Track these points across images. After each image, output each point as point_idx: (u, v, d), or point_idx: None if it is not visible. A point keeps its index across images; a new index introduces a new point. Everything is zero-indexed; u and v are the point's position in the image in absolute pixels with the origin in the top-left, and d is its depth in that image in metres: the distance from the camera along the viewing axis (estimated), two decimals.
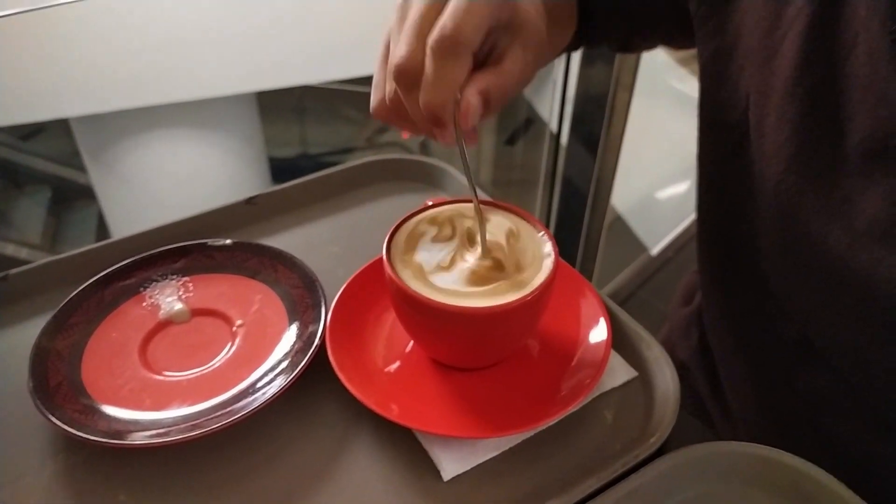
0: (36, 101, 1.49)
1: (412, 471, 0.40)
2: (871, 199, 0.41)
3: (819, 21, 0.42)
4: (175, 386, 0.43)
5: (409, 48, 0.36)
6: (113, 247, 0.54)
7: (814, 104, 0.43)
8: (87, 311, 0.47)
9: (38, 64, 1.39)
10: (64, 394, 0.42)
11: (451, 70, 0.35)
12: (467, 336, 0.41)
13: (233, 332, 0.47)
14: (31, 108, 1.54)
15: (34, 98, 1.48)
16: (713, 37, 0.50)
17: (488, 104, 0.37)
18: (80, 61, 1.42)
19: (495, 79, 0.37)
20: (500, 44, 0.39)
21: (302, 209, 0.61)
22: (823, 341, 0.48)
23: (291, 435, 0.42)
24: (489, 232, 0.43)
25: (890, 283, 0.41)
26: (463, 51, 0.35)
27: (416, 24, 0.36)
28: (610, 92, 1.09)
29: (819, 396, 0.51)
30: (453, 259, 0.41)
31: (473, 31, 0.35)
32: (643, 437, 0.41)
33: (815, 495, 0.37)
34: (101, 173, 1.82)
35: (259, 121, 1.91)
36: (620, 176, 1.29)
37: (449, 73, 0.35)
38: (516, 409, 0.41)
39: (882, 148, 0.40)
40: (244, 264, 0.52)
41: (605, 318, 0.46)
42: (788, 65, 0.43)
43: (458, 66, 0.35)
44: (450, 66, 0.35)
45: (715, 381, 0.65)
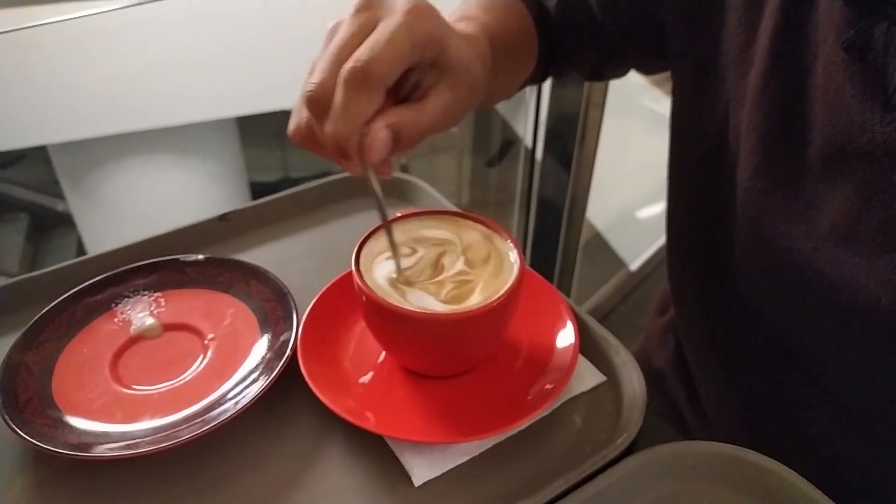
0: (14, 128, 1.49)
1: (384, 477, 0.40)
2: (833, 203, 0.42)
3: (783, 32, 0.44)
4: (146, 399, 0.43)
5: (322, 76, 0.35)
6: (86, 264, 0.54)
7: (778, 113, 0.44)
8: (59, 328, 0.47)
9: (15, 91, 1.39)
10: (34, 409, 0.42)
11: (359, 103, 0.34)
12: (435, 342, 0.41)
13: (204, 346, 0.47)
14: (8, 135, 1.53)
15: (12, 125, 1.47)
16: (690, 49, 0.52)
17: (399, 140, 0.36)
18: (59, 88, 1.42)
19: (410, 115, 0.36)
20: (426, 81, 0.38)
21: (275, 225, 0.62)
22: (794, 344, 0.49)
23: (264, 444, 0.42)
24: (461, 241, 0.44)
25: (853, 285, 0.42)
26: (374, 85, 0.34)
27: (334, 52, 0.35)
28: (581, 110, 1.12)
29: (792, 398, 0.52)
30: (421, 268, 0.42)
31: (388, 66, 0.34)
32: (611, 439, 0.41)
33: (779, 491, 0.38)
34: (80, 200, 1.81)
35: (240, 145, 1.92)
36: (598, 193, 1.31)
37: (356, 105, 0.34)
38: (486, 415, 0.42)
39: (841, 155, 0.41)
40: (217, 279, 0.52)
41: (573, 325, 0.47)
42: (756, 76, 0.45)
43: (367, 100, 0.34)
44: (357, 98, 0.34)
45: (691, 388, 0.66)
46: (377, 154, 0.35)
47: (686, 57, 0.52)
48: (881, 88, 0.38)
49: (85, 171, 1.76)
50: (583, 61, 0.64)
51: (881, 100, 0.38)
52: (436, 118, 0.37)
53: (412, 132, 0.36)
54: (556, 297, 0.49)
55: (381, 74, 0.34)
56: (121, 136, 1.59)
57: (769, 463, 0.38)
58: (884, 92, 0.38)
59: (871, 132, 0.39)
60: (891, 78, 0.38)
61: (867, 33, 0.38)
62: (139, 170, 1.76)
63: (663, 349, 0.71)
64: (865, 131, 0.39)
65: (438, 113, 0.37)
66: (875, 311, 0.41)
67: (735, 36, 0.47)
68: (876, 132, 0.39)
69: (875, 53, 0.38)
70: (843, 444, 0.50)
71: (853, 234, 0.41)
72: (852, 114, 0.40)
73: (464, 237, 0.45)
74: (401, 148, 0.37)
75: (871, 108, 0.39)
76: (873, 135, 0.39)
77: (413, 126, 0.36)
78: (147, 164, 1.76)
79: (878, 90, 0.38)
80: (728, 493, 0.39)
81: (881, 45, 0.38)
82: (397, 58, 0.34)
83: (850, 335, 0.44)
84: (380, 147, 0.35)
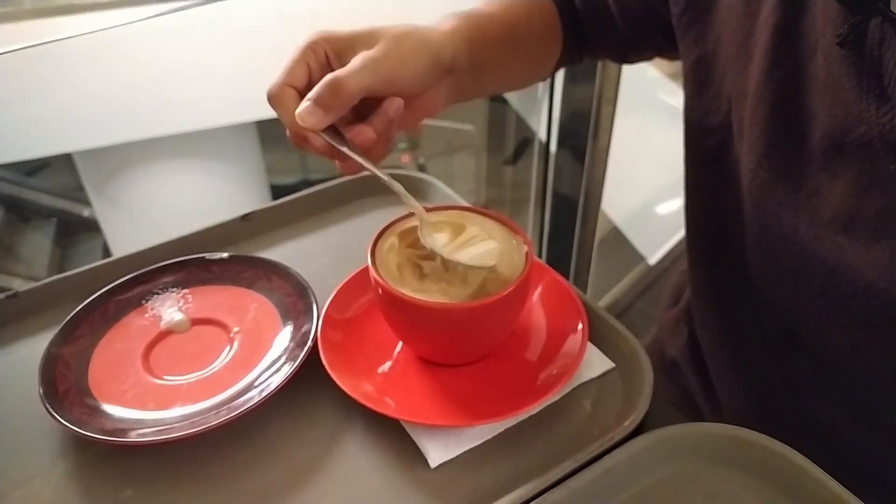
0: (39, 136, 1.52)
1: (401, 460, 0.42)
2: (834, 192, 0.44)
3: (783, 28, 0.45)
4: (176, 389, 0.46)
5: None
6: (116, 264, 0.56)
7: (780, 105, 0.46)
8: (93, 323, 0.50)
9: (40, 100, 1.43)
10: (72, 399, 0.44)
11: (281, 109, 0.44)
12: (449, 332, 0.43)
13: (230, 338, 0.50)
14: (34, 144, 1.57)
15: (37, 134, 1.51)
16: (695, 45, 0.53)
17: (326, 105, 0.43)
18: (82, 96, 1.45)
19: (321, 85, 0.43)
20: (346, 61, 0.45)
21: (294, 224, 0.64)
22: (801, 330, 0.50)
23: (287, 430, 0.44)
24: (477, 237, 0.46)
25: (853, 271, 0.43)
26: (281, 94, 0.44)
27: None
28: (594, 106, 1.13)
29: (801, 385, 0.53)
30: (435, 261, 0.44)
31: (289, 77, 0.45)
32: (619, 422, 0.43)
33: (782, 471, 0.39)
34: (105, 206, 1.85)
35: (259, 149, 1.94)
36: (616, 188, 1.32)
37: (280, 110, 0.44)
38: (498, 400, 0.44)
39: (840, 145, 0.42)
40: (240, 276, 0.54)
41: (582, 314, 0.48)
42: (758, 69, 0.47)
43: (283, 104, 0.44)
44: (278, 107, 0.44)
45: (704, 376, 0.67)
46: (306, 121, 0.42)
47: (690, 52, 0.54)
48: (877, 81, 0.39)
49: (109, 178, 1.79)
50: (608, 48, 0.67)
51: (877, 92, 0.40)
52: (352, 72, 0.43)
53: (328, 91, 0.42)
54: (565, 288, 0.51)
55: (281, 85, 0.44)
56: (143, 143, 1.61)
57: (771, 443, 0.40)
58: (879, 84, 0.39)
59: (867, 123, 0.40)
60: (886, 70, 0.39)
61: (861, 28, 0.39)
62: (162, 175, 1.80)
63: (677, 338, 0.72)
64: (863, 123, 0.41)
65: (356, 68, 0.43)
66: (874, 297, 0.42)
67: (734, 31, 0.49)
68: (872, 124, 0.40)
69: (870, 47, 0.39)
70: (853, 432, 0.51)
71: (853, 221, 0.43)
72: (850, 106, 0.41)
73: (475, 232, 0.47)
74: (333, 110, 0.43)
75: (868, 101, 0.40)
76: (870, 126, 0.40)
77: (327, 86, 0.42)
78: (169, 169, 1.79)
79: (874, 83, 0.40)
80: (731, 473, 0.41)
81: (876, 39, 0.39)
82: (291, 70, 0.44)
83: (852, 321, 0.46)
84: (304, 115, 0.42)
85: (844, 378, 0.50)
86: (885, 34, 0.39)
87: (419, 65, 0.46)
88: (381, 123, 0.45)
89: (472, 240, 0.45)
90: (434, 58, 0.47)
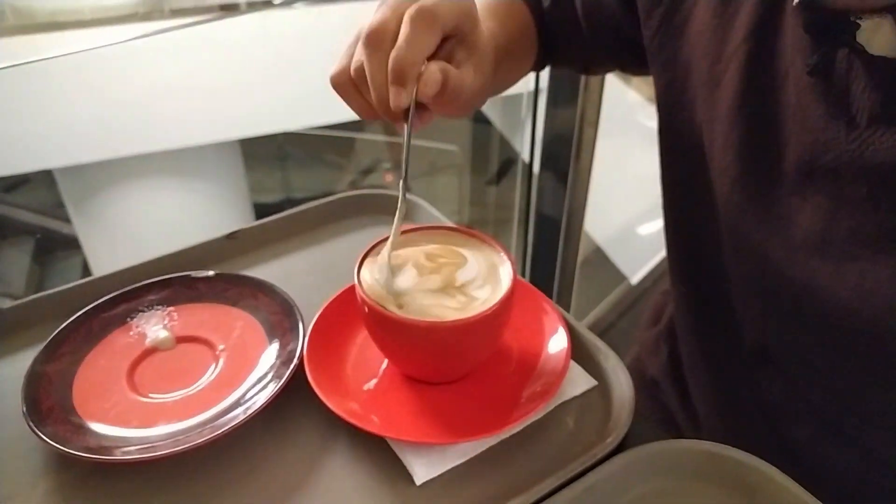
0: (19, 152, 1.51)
1: (387, 477, 0.43)
2: (806, 215, 0.45)
3: (756, 57, 0.47)
4: (161, 406, 0.46)
5: (384, 17, 0.41)
6: (101, 281, 0.56)
7: (753, 130, 0.47)
8: (77, 341, 0.50)
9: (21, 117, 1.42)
10: (56, 416, 0.44)
11: (424, 36, 0.40)
12: (434, 349, 0.44)
13: (215, 356, 0.50)
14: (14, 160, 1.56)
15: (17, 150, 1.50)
16: (665, 69, 0.55)
17: (444, 89, 0.41)
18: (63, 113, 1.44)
19: (456, 71, 0.42)
20: (457, 56, 0.43)
21: (280, 242, 0.65)
22: (777, 349, 0.52)
23: (273, 448, 0.44)
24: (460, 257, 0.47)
25: (825, 291, 0.45)
26: (436, 24, 0.40)
27: (393, 4, 0.41)
28: (576, 128, 1.15)
29: (776, 403, 0.54)
30: (418, 279, 0.45)
31: (449, 13, 0.40)
32: (601, 439, 0.44)
33: (759, 486, 0.40)
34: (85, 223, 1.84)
35: (242, 167, 1.95)
36: (598, 209, 1.33)
37: (422, 37, 0.40)
38: (482, 418, 0.44)
39: (810, 169, 0.44)
40: (225, 293, 0.55)
41: (565, 332, 0.49)
42: (729, 95, 0.48)
43: (430, 35, 0.40)
44: (423, 31, 0.40)
45: (684, 394, 0.68)
46: (431, 87, 0.40)
47: (662, 76, 0.55)
48: (845, 108, 0.41)
49: (90, 195, 1.78)
50: (572, 58, 0.68)
51: (845, 119, 0.41)
52: (471, 85, 0.43)
53: (456, 84, 0.42)
54: (548, 306, 0.52)
55: (443, 18, 0.40)
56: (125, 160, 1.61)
57: (748, 459, 0.41)
58: (847, 112, 0.41)
59: (837, 149, 0.42)
60: (853, 98, 0.41)
61: (829, 58, 0.41)
62: (144, 192, 1.79)
63: (657, 357, 0.73)
64: (832, 148, 0.42)
65: (473, 82, 0.43)
66: (845, 317, 0.44)
67: (703, 57, 0.50)
68: (842, 150, 0.42)
69: (838, 76, 0.41)
70: (825, 451, 0.52)
71: (824, 244, 0.44)
72: (820, 132, 0.43)
73: (459, 250, 0.47)
74: (441, 105, 0.42)
75: (837, 127, 0.42)
76: (840, 152, 0.42)
77: (457, 79, 0.42)
78: (151, 186, 1.79)
79: (843, 110, 0.41)
80: (710, 489, 0.41)
81: (843, 69, 0.41)
82: (455, 10, 0.41)
83: (823, 341, 0.47)
84: (433, 81, 0.40)
85: (818, 397, 0.51)
86: (851, 64, 0.40)
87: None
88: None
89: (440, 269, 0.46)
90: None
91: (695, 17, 0.51)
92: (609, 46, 0.63)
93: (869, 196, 0.41)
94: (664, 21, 0.53)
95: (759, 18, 0.46)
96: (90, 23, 1.47)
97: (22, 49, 1.42)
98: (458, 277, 0.45)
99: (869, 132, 0.40)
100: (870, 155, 0.40)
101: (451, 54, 0.43)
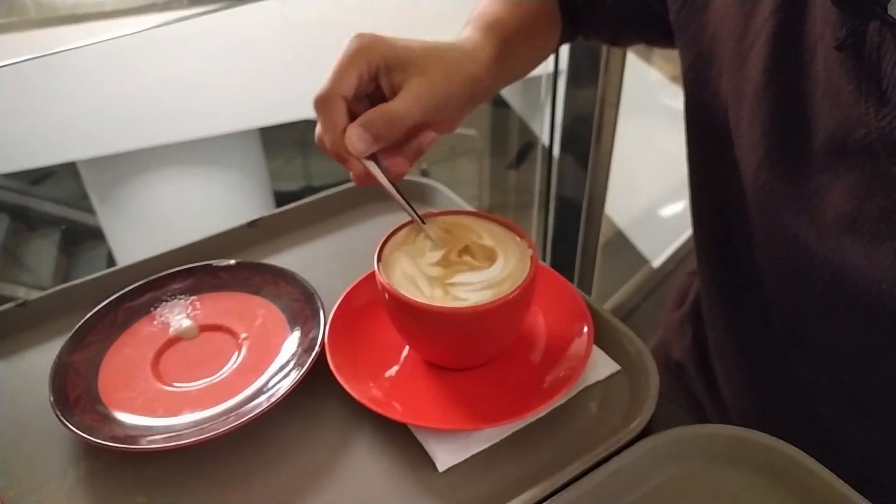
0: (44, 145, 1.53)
1: (409, 464, 0.43)
2: (837, 193, 0.44)
3: (784, 30, 0.45)
4: (186, 395, 0.46)
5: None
6: (124, 271, 0.57)
7: (781, 107, 0.46)
8: (102, 331, 0.51)
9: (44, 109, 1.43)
10: (82, 406, 0.45)
11: (328, 118, 0.43)
12: (455, 335, 0.44)
13: (238, 344, 0.50)
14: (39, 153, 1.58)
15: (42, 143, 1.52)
16: (692, 44, 0.54)
17: (378, 133, 0.43)
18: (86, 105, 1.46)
19: (377, 111, 0.43)
20: (396, 82, 0.45)
21: (301, 230, 0.65)
22: (807, 330, 0.51)
23: (296, 435, 0.45)
24: (482, 241, 0.46)
25: (856, 271, 0.44)
26: (329, 102, 0.43)
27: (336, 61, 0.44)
28: (596, 110, 1.13)
29: (807, 385, 0.53)
30: (440, 265, 0.45)
31: (336, 86, 0.43)
32: (625, 424, 0.43)
33: (787, 469, 0.40)
34: (109, 213, 1.86)
35: (263, 156, 1.95)
36: (619, 192, 1.32)
37: (327, 120, 0.43)
38: (505, 403, 0.44)
39: (841, 147, 0.43)
40: (247, 282, 0.55)
41: (587, 317, 0.49)
42: (757, 70, 0.47)
43: (330, 114, 0.43)
44: (324, 116, 0.43)
45: (710, 378, 0.67)
46: (355, 146, 0.43)
47: (688, 52, 0.54)
48: (875, 84, 0.40)
49: (113, 186, 1.80)
50: (599, 31, 0.67)
51: (876, 95, 0.40)
52: (406, 106, 0.44)
53: (383, 123, 0.43)
54: (570, 291, 0.51)
55: (336, 93, 0.43)
56: (148, 150, 1.62)
57: (775, 443, 0.40)
58: (878, 87, 0.40)
59: (867, 126, 0.41)
60: (884, 74, 0.39)
61: (860, 32, 0.39)
62: (165, 182, 1.80)
63: (682, 340, 0.72)
64: (863, 125, 0.41)
65: (410, 101, 0.44)
66: (877, 298, 0.43)
67: (730, 31, 0.49)
68: (872, 126, 0.40)
69: (869, 51, 0.40)
70: (858, 433, 0.51)
71: (855, 223, 0.43)
72: (850, 108, 0.41)
73: (481, 237, 0.47)
74: (383, 139, 0.44)
75: (867, 103, 0.40)
76: (870, 129, 0.41)
77: (382, 118, 0.43)
78: (173, 176, 1.80)
79: (873, 86, 0.40)
80: (738, 473, 0.41)
81: (874, 43, 0.39)
82: (342, 77, 0.43)
83: (855, 322, 0.46)
84: (354, 140, 0.43)
85: (849, 379, 0.50)
86: (883, 38, 0.39)
87: (464, 100, 0.48)
88: (415, 155, 0.46)
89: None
90: (475, 92, 0.49)
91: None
92: (635, 21, 0.62)
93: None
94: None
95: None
96: (111, 14, 1.48)
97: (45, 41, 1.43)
98: (479, 264, 0.44)
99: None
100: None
101: (391, 81, 0.45)
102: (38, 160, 1.69)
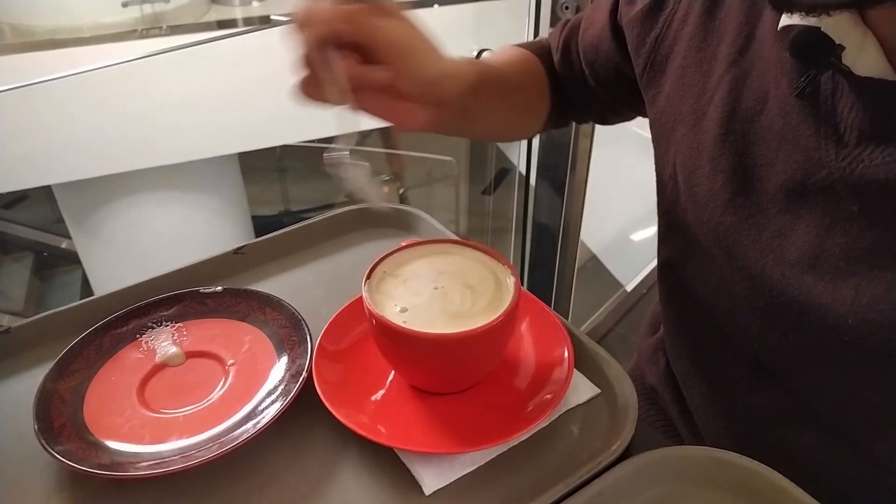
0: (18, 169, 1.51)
1: (396, 488, 0.43)
2: (798, 233, 0.46)
3: (739, 84, 0.49)
4: (172, 422, 0.46)
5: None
6: (110, 298, 0.57)
7: (741, 154, 0.49)
8: (87, 358, 0.51)
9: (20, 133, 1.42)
10: (68, 433, 0.45)
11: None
12: (441, 361, 0.45)
13: (225, 371, 0.50)
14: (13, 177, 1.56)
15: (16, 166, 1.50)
16: (653, 102, 0.58)
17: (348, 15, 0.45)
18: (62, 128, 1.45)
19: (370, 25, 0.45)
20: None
21: (287, 257, 0.65)
22: (775, 363, 0.52)
23: (284, 460, 0.45)
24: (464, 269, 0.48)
25: (821, 308, 0.45)
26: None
27: None
28: (571, 139, 1.16)
29: (777, 413, 0.55)
30: (425, 292, 0.46)
31: None
32: (606, 446, 0.44)
33: (763, 491, 0.41)
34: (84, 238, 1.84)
35: (241, 181, 1.95)
36: (593, 218, 1.34)
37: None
38: (489, 427, 0.45)
39: (802, 189, 0.45)
40: (234, 308, 0.55)
41: (568, 342, 0.50)
42: (716, 123, 0.50)
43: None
44: None
45: (682, 404, 0.68)
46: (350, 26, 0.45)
47: (651, 108, 0.58)
48: (833, 128, 0.42)
49: (89, 210, 1.78)
50: (589, 110, 0.72)
51: (834, 138, 0.42)
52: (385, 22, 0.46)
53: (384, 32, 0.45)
54: (551, 317, 0.53)
55: None
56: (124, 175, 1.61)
57: (753, 465, 0.42)
58: (836, 131, 0.42)
59: (828, 168, 0.43)
60: (840, 118, 0.42)
61: (815, 81, 0.42)
62: (143, 207, 1.78)
63: (655, 366, 0.74)
64: (823, 167, 0.43)
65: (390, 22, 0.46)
66: (843, 333, 0.44)
67: (688, 90, 0.53)
68: (833, 167, 0.43)
69: (824, 97, 0.42)
70: (830, 458, 0.53)
71: (818, 260, 0.45)
72: (810, 151, 0.44)
73: (464, 264, 0.48)
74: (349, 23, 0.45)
75: (827, 146, 0.43)
76: (831, 169, 0.43)
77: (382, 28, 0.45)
78: (150, 201, 1.78)
79: (831, 129, 0.43)
80: (716, 495, 0.42)
81: (829, 90, 0.42)
82: None
83: (822, 356, 0.48)
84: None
85: (820, 408, 0.51)
86: (836, 85, 0.42)
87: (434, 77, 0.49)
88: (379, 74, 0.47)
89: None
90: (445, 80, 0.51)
91: (676, 55, 0.54)
92: (616, 94, 0.66)
93: (861, 213, 0.42)
94: (650, 60, 0.57)
95: (738, 49, 0.49)
96: (90, 40, 1.48)
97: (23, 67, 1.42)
98: (462, 291, 0.45)
99: (858, 150, 0.41)
100: (860, 172, 0.41)
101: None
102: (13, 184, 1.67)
